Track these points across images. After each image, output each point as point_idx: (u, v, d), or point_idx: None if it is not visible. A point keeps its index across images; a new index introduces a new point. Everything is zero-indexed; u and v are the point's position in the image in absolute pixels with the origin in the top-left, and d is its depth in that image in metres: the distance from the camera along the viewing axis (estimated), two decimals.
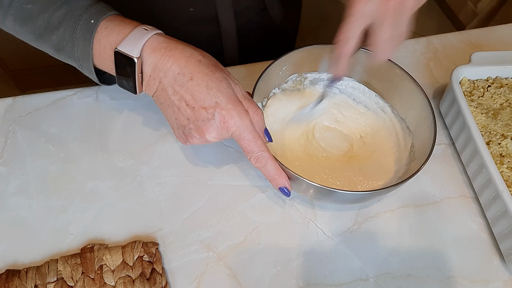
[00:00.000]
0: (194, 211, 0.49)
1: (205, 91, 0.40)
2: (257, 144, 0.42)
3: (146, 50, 0.40)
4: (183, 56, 0.40)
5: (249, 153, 0.42)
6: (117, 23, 0.42)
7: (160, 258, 0.45)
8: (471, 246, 0.48)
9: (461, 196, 0.51)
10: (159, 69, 0.41)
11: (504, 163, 0.48)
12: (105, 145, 0.53)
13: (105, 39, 0.41)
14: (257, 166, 0.43)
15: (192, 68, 0.40)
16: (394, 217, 0.49)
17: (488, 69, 0.55)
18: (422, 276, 0.45)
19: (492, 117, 0.52)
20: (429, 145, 0.44)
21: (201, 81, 0.40)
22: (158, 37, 0.41)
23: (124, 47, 0.40)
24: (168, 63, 0.40)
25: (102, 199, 0.49)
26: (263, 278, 0.45)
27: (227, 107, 0.40)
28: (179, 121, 0.42)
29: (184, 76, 0.40)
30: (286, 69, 0.51)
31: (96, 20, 0.41)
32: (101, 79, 0.46)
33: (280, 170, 0.43)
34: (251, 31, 0.68)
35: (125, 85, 0.43)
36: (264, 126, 0.44)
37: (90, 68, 0.43)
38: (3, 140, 0.53)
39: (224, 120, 0.40)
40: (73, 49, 0.42)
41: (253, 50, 0.71)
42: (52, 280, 0.43)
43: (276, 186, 0.44)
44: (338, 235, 0.48)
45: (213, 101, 0.40)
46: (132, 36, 0.40)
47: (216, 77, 0.40)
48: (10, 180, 0.50)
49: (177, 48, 0.41)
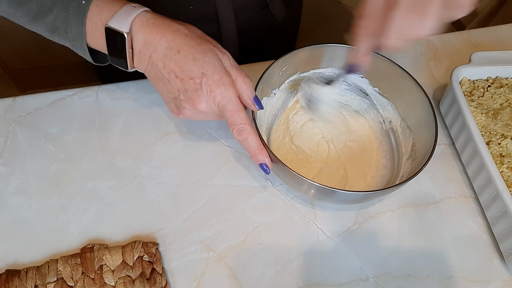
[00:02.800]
0: (194, 211, 0.49)
1: (192, 63, 0.41)
2: (240, 116, 0.43)
3: (135, 25, 0.42)
4: (170, 31, 0.42)
5: (232, 125, 0.43)
6: (108, 1, 0.43)
7: (160, 258, 0.45)
8: (471, 246, 0.48)
9: (461, 196, 0.51)
10: (148, 45, 0.42)
11: (504, 163, 0.48)
12: (105, 145, 0.53)
13: (96, 17, 0.43)
14: (239, 139, 0.44)
15: (179, 42, 0.42)
16: (394, 217, 0.49)
17: (488, 69, 0.55)
18: (422, 276, 0.45)
19: (492, 117, 0.52)
20: (430, 144, 0.44)
21: (187, 53, 0.42)
22: (146, 14, 0.43)
23: (114, 23, 0.42)
24: (157, 38, 0.42)
25: (102, 199, 0.49)
26: (263, 278, 0.45)
27: (213, 77, 0.41)
28: (170, 93, 0.44)
29: (171, 49, 0.42)
30: (286, 70, 0.51)
31: (87, 1, 0.42)
32: (94, 59, 0.47)
33: (261, 145, 0.44)
34: (252, 29, 0.68)
35: (116, 61, 0.44)
36: (253, 95, 0.45)
37: (84, 48, 0.44)
38: (3, 140, 0.53)
39: (210, 89, 0.42)
40: (66, 29, 0.43)
41: (253, 49, 0.71)
42: (52, 280, 0.43)
43: (256, 162, 0.45)
44: (338, 235, 0.48)
45: (200, 71, 0.41)
46: (122, 12, 0.42)
47: (202, 48, 0.42)
48: (10, 180, 0.50)
49: (164, 24, 0.42)
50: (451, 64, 0.63)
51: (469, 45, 0.66)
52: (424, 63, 0.64)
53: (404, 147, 0.51)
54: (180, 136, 0.54)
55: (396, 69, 0.49)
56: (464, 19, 1.78)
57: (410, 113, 0.51)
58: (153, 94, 0.57)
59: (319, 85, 0.50)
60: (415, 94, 0.48)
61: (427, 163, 0.43)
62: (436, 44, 0.66)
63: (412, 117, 0.50)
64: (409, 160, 0.48)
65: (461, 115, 0.51)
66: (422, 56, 0.65)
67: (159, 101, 0.57)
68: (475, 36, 0.67)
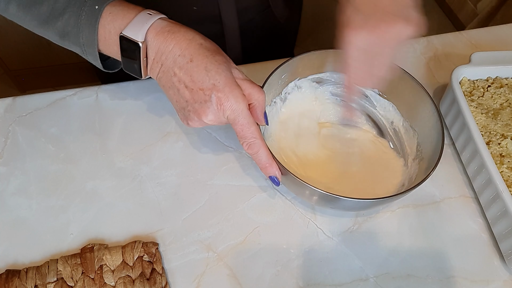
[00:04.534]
0: (194, 211, 0.49)
1: (204, 73, 0.40)
2: (251, 130, 0.42)
3: (150, 34, 0.41)
4: (185, 38, 0.41)
5: (242, 139, 0.43)
6: (121, 8, 0.42)
7: (160, 258, 0.45)
8: (471, 246, 0.48)
9: (461, 196, 0.51)
10: (161, 52, 0.41)
11: (504, 163, 0.48)
12: (105, 145, 0.53)
13: (110, 24, 0.42)
14: (249, 152, 0.43)
15: (193, 50, 0.41)
16: (394, 217, 0.49)
17: (488, 69, 0.55)
18: (422, 276, 0.45)
19: (492, 117, 0.52)
20: (436, 143, 0.44)
21: (200, 63, 0.40)
22: (162, 22, 0.42)
23: (129, 31, 0.41)
24: (170, 45, 0.41)
25: (102, 199, 0.49)
26: (263, 278, 0.45)
27: (224, 89, 0.40)
28: (179, 103, 0.43)
29: (184, 57, 0.41)
30: (285, 77, 0.51)
31: (101, 6, 0.42)
32: (104, 65, 0.46)
33: (271, 159, 0.43)
34: (254, 30, 0.68)
35: (130, 69, 0.44)
36: (264, 109, 0.44)
37: (95, 54, 0.44)
38: (3, 140, 0.53)
39: (220, 102, 0.41)
40: (78, 35, 0.43)
41: (256, 49, 0.71)
42: (52, 280, 0.43)
43: (266, 174, 0.44)
44: (338, 235, 0.48)
45: (211, 82, 0.40)
46: (137, 20, 0.41)
47: (216, 59, 0.41)
48: (10, 180, 0.50)
49: (179, 31, 0.41)
50: (451, 64, 0.63)
51: (469, 45, 0.66)
52: (424, 63, 0.64)
53: (408, 147, 0.51)
54: (180, 136, 0.54)
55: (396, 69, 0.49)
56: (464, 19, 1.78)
57: (412, 113, 0.50)
58: (153, 94, 0.57)
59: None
60: (416, 93, 0.48)
61: (436, 167, 0.42)
62: (436, 44, 0.66)
63: (414, 116, 0.50)
64: (416, 161, 0.48)
65: (461, 115, 0.51)
66: (422, 56, 0.65)
67: (159, 101, 0.57)
68: (475, 36, 0.67)
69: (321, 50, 0.50)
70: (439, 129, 0.45)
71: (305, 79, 0.53)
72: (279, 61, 0.50)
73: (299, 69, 0.51)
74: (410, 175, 0.48)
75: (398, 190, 0.48)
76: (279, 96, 0.52)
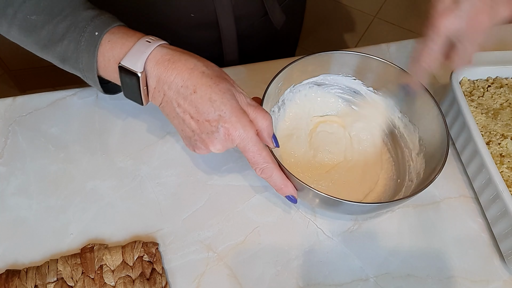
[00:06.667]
0: (194, 211, 0.49)
1: (209, 104, 0.40)
2: (262, 155, 0.42)
3: (150, 63, 0.40)
4: (186, 68, 0.40)
5: (254, 165, 0.42)
6: (120, 35, 0.42)
7: (160, 258, 0.45)
8: (471, 246, 0.48)
9: (461, 196, 0.51)
10: (163, 82, 0.41)
11: (504, 163, 0.48)
12: (105, 145, 0.53)
13: (109, 53, 0.41)
14: (263, 177, 0.43)
15: (195, 80, 0.40)
16: (394, 217, 0.49)
17: (488, 69, 0.55)
18: (422, 276, 0.45)
19: (492, 117, 0.52)
20: (440, 137, 0.45)
21: (204, 94, 0.40)
22: (161, 49, 0.41)
23: (127, 61, 0.40)
24: (172, 75, 0.40)
25: (102, 199, 0.49)
26: (263, 278, 0.45)
27: (231, 119, 0.40)
28: (185, 132, 0.42)
29: (187, 88, 0.40)
30: (281, 85, 0.51)
31: (100, 32, 0.41)
32: (105, 88, 0.46)
33: (286, 180, 0.43)
34: (252, 36, 0.68)
35: (131, 96, 0.43)
36: (272, 132, 0.43)
37: (94, 79, 0.44)
38: (3, 140, 0.53)
39: (228, 132, 0.40)
40: (77, 60, 0.43)
41: (253, 56, 0.71)
42: (52, 280, 0.43)
43: (282, 195, 0.44)
44: (338, 235, 0.48)
45: (217, 113, 0.40)
46: (135, 49, 0.40)
47: (220, 88, 0.40)
48: (10, 180, 0.50)
49: (180, 60, 0.40)
50: None
51: None
52: None
53: (411, 142, 0.51)
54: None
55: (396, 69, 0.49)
56: None
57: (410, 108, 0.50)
58: None
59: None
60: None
61: (442, 167, 0.42)
62: None
63: (413, 111, 0.50)
64: (420, 155, 0.48)
65: (461, 115, 0.51)
66: None
67: None
68: None
69: (315, 54, 0.49)
70: (441, 122, 0.45)
71: (300, 85, 0.53)
72: (278, 61, 0.50)
73: (294, 76, 0.51)
74: (417, 171, 0.48)
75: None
76: (276, 105, 0.52)
